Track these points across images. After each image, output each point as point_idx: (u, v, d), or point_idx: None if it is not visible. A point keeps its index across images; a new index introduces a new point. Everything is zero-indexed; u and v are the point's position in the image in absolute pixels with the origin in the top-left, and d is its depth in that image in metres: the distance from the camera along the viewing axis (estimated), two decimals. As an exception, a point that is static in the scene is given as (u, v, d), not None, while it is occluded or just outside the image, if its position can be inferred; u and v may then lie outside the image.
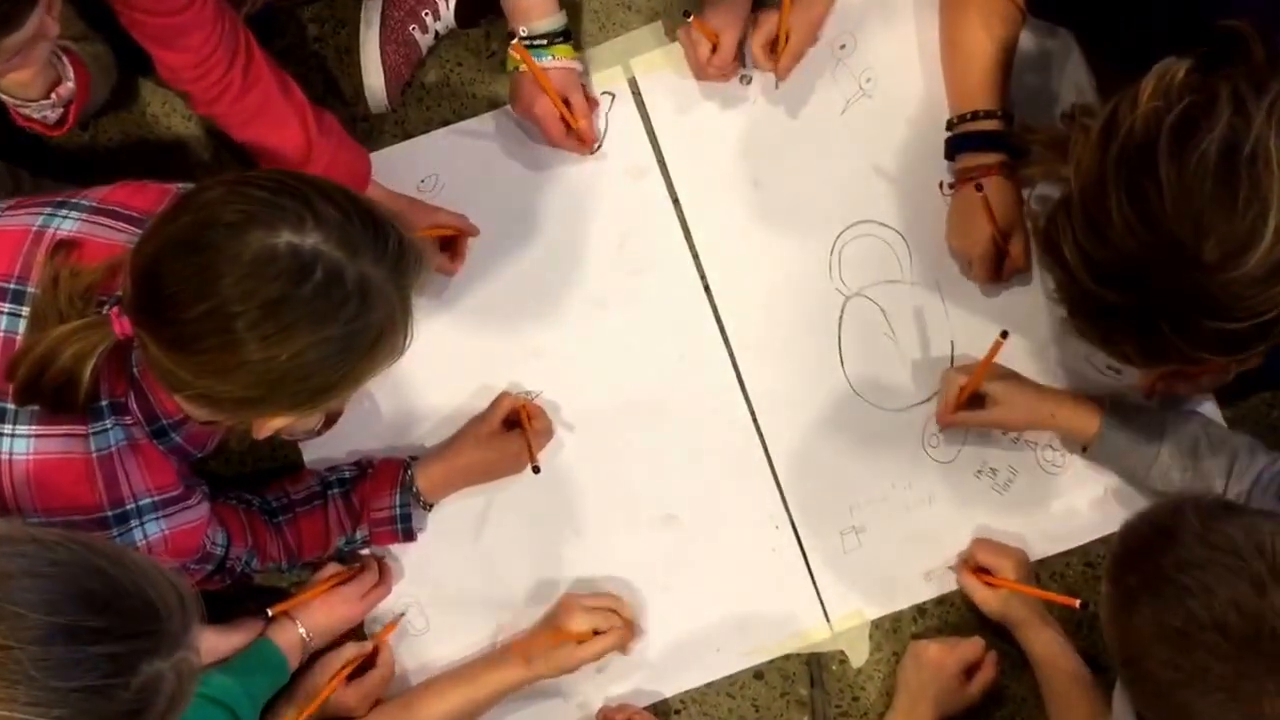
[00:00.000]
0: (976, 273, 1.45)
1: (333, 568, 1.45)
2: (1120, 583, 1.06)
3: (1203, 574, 0.98)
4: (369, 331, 1.06)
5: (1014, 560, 1.43)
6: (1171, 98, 1.04)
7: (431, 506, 1.48)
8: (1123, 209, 1.03)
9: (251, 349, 1.02)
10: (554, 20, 1.47)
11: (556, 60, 1.47)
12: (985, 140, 1.42)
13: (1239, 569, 0.97)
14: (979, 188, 1.37)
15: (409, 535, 1.45)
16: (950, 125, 1.45)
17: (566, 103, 1.48)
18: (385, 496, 1.43)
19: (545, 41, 1.46)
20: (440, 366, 1.50)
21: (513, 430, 1.47)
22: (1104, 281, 1.07)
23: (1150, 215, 1.03)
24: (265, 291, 1.01)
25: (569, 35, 1.48)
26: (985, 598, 1.43)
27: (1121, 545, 1.09)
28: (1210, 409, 1.47)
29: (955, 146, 1.45)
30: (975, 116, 1.42)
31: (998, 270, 1.45)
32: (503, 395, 1.50)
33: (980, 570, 1.44)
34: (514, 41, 1.45)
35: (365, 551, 1.49)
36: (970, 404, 1.42)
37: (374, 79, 1.52)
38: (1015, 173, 1.40)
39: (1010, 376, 1.42)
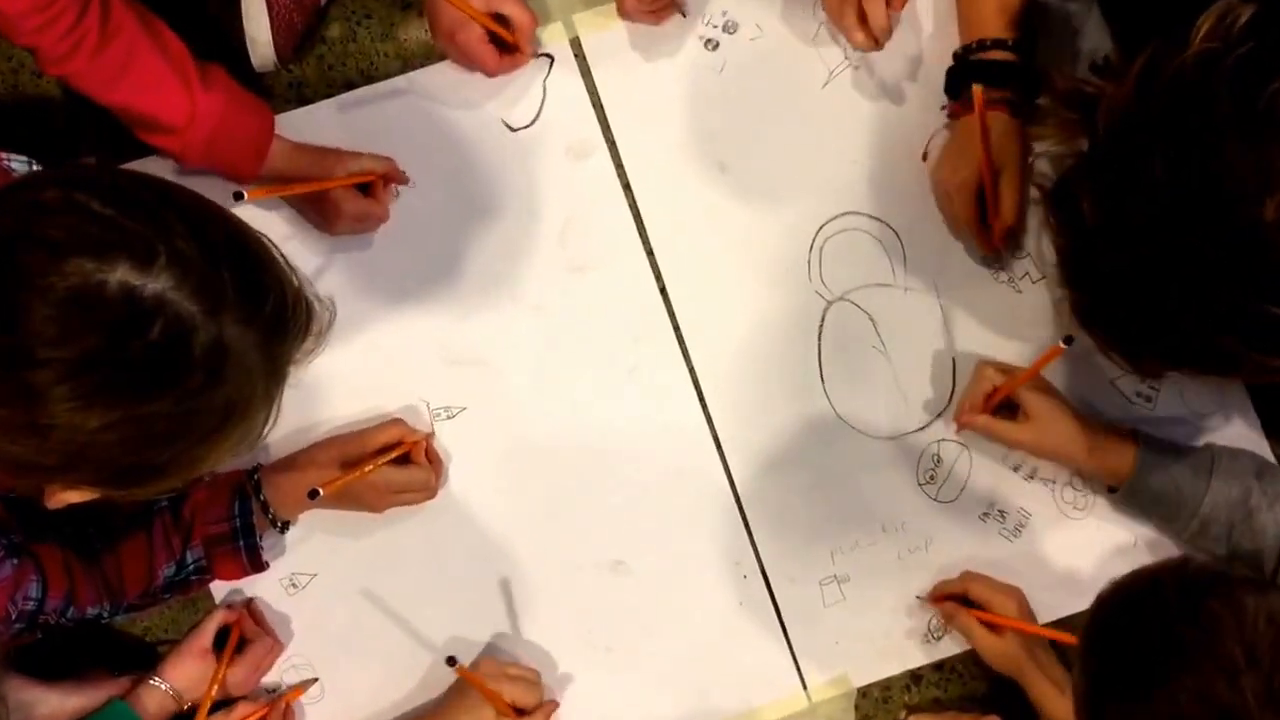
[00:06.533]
0: (957, 209, 1.31)
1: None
2: (1088, 666, 0.97)
3: (1174, 661, 0.91)
4: (213, 413, 0.89)
5: (1015, 599, 1.28)
6: (1232, 40, 0.93)
7: (287, 527, 1.29)
8: (1167, 152, 0.93)
9: (54, 408, 0.84)
10: None
11: None
12: (993, 72, 1.27)
13: (1213, 653, 0.90)
14: (978, 80, 1.25)
15: (256, 560, 1.26)
16: (956, 58, 1.32)
17: (500, 18, 1.32)
18: (221, 505, 1.24)
19: None
20: (341, 377, 1.35)
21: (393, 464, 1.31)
22: (1130, 239, 0.95)
23: (1201, 161, 0.92)
24: (81, 341, 0.83)
25: None
26: (993, 644, 1.26)
27: (1092, 623, 0.99)
28: (1257, 441, 1.33)
29: (959, 79, 1.31)
30: (983, 46, 1.28)
31: (981, 218, 1.31)
32: (395, 421, 1.33)
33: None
34: None
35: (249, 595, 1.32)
36: (998, 410, 1.29)
37: (259, 30, 1.34)
38: (1023, 115, 1.28)
39: (1053, 394, 1.29)
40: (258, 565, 1.26)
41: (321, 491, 1.21)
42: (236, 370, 0.88)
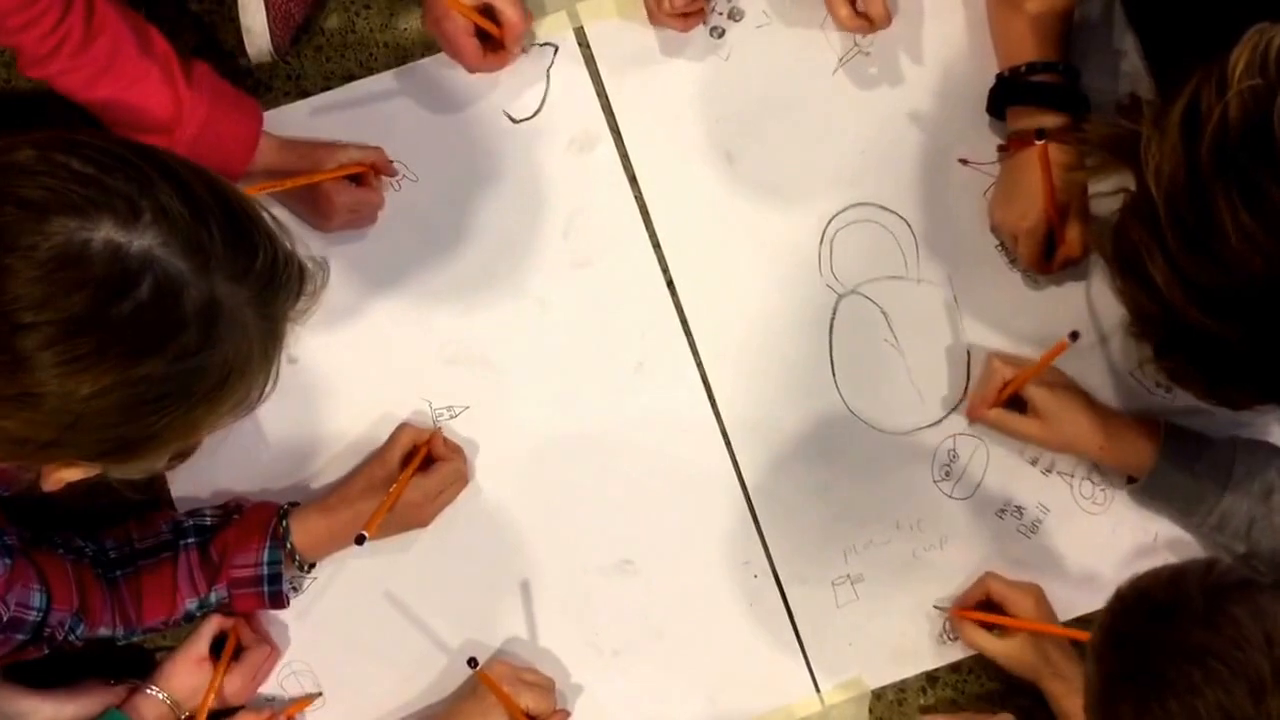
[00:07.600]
0: (1022, 251, 1.28)
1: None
2: (1103, 665, 0.94)
3: (1194, 668, 0.88)
4: (209, 373, 0.86)
5: (1033, 596, 1.26)
6: (1272, 72, 0.87)
7: (311, 567, 1.28)
8: (1238, 218, 0.87)
9: (43, 376, 0.81)
10: None
11: None
12: (1043, 95, 1.24)
13: (1238, 664, 0.87)
14: (1040, 135, 1.20)
15: (278, 600, 1.24)
16: (1000, 78, 1.28)
17: (488, 11, 1.28)
18: (251, 551, 1.22)
19: None
20: (341, 376, 1.33)
21: (419, 471, 1.28)
22: (1218, 311, 0.91)
23: (1274, 214, 0.87)
24: (66, 303, 0.81)
25: None
26: (1002, 649, 1.24)
27: (1109, 620, 0.96)
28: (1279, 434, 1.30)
29: (1005, 100, 1.28)
30: (1032, 69, 1.25)
31: (1046, 254, 1.28)
32: (402, 428, 1.31)
33: (984, 610, 1.26)
34: None
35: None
36: (1010, 404, 1.26)
37: (255, 21, 1.32)
38: (1080, 143, 1.23)
39: (1064, 387, 1.26)
40: (279, 605, 1.25)
41: (368, 535, 1.19)
42: (230, 328, 0.85)
